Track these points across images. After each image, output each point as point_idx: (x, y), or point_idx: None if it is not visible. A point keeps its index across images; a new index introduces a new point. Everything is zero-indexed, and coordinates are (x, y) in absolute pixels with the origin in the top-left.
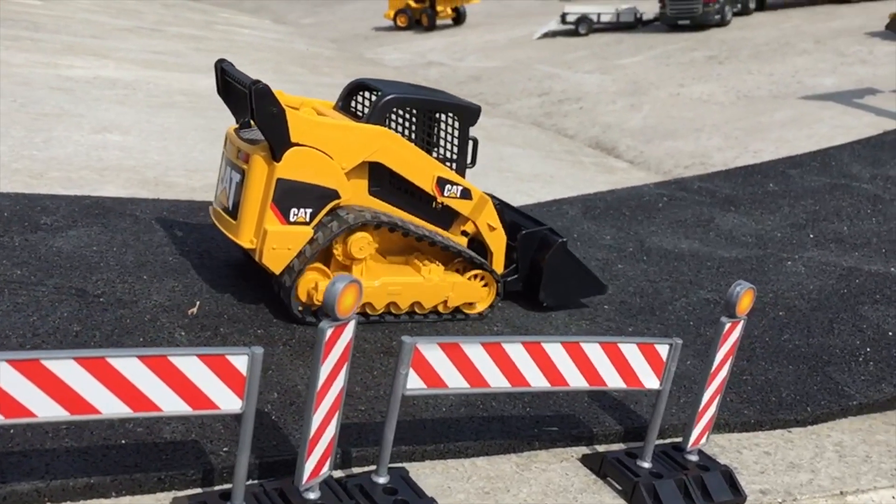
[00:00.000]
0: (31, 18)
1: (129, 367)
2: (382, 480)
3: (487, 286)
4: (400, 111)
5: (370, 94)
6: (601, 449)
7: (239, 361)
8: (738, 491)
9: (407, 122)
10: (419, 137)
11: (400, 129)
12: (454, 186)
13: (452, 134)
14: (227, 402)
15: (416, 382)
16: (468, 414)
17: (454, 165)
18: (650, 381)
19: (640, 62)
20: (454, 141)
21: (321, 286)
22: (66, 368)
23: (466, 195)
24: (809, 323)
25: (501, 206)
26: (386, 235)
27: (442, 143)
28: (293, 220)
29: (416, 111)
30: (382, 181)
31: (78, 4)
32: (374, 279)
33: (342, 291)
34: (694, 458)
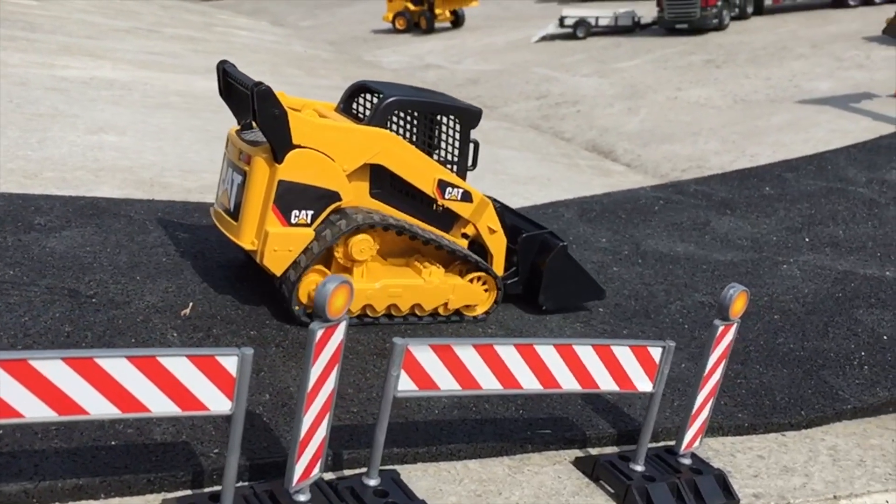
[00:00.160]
0: (27, 19)
1: (117, 367)
2: (373, 483)
3: (488, 289)
4: (401, 113)
5: (372, 96)
6: (594, 452)
7: (228, 362)
8: (731, 494)
9: (408, 124)
10: (420, 140)
11: (401, 131)
12: (455, 189)
13: (453, 136)
14: (216, 403)
15: (407, 384)
16: (461, 416)
17: (455, 168)
18: (643, 383)
19: (637, 66)
20: (455, 143)
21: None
22: (53, 369)
23: (467, 198)
24: (804, 326)
25: (502, 208)
26: (387, 237)
27: (443, 145)
28: (294, 221)
29: (417, 114)
30: (383, 183)
31: (74, 5)
32: (374, 281)
33: (333, 292)
34: (687, 461)
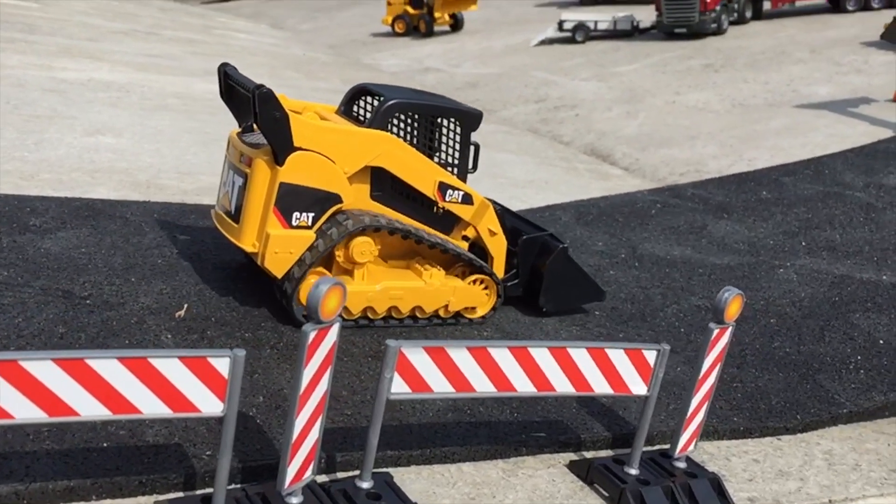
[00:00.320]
0: (26, 21)
1: (108, 368)
2: (366, 485)
3: (488, 291)
4: (402, 116)
5: (372, 98)
6: (589, 455)
7: (220, 363)
8: (725, 498)
9: (409, 126)
10: (421, 142)
11: (402, 133)
12: (455, 191)
13: (454, 139)
14: (208, 404)
15: (400, 386)
16: (455, 419)
17: (455, 170)
18: (638, 386)
19: (636, 70)
20: (455, 146)
21: None
22: (44, 369)
23: (468, 200)
24: (800, 330)
25: (502, 211)
26: (388, 240)
27: (443, 148)
28: (295, 224)
29: (418, 116)
30: (384, 186)
31: (74, 7)
32: (375, 283)
33: (326, 294)
34: (682, 464)
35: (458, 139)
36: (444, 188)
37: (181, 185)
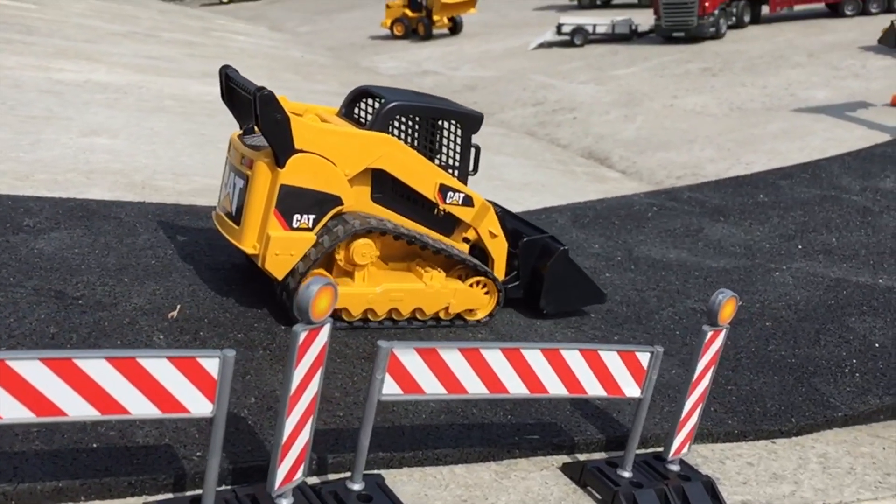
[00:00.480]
0: (24, 22)
1: (96, 368)
2: (357, 487)
3: (489, 293)
4: (403, 118)
5: (373, 101)
6: (582, 458)
7: (210, 364)
8: (719, 501)
9: (410, 129)
10: (422, 144)
11: (403, 136)
12: (456, 193)
13: (455, 141)
14: (197, 405)
15: (392, 388)
16: (448, 421)
17: (456, 172)
18: (631, 389)
19: (634, 73)
20: (456, 148)
21: None
22: (31, 369)
23: (468, 202)
24: (796, 333)
25: (503, 213)
26: (388, 242)
27: (444, 150)
28: (296, 226)
29: (418, 118)
30: (385, 188)
31: (72, 9)
32: (375, 285)
33: (317, 294)
34: (675, 467)
35: (458, 141)
36: (444, 190)
37: (176, 186)
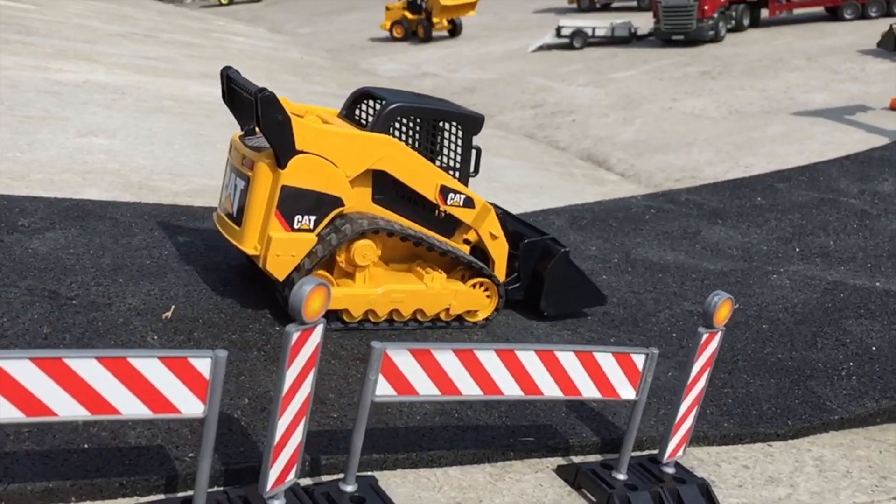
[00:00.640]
0: (23, 22)
1: (87, 368)
2: (350, 489)
3: (489, 294)
4: (404, 120)
5: (374, 102)
6: (577, 460)
7: (201, 364)
8: None
9: (411, 130)
10: (423, 146)
11: (404, 137)
12: (457, 195)
13: (455, 143)
14: (188, 406)
15: (385, 389)
16: (442, 422)
17: (457, 174)
18: (626, 391)
19: (633, 76)
20: (457, 150)
21: None
22: (21, 369)
23: (469, 204)
24: (793, 336)
25: (503, 214)
26: (390, 243)
27: (445, 151)
28: (297, 227)
29: (419, 120)
30: (386, 189)
31: (72, 9)
32: (376, 287)
33: (309, 294)
34: (670, 470)
35: (459, 143)
36: (445, 191)
37: (173, 186)
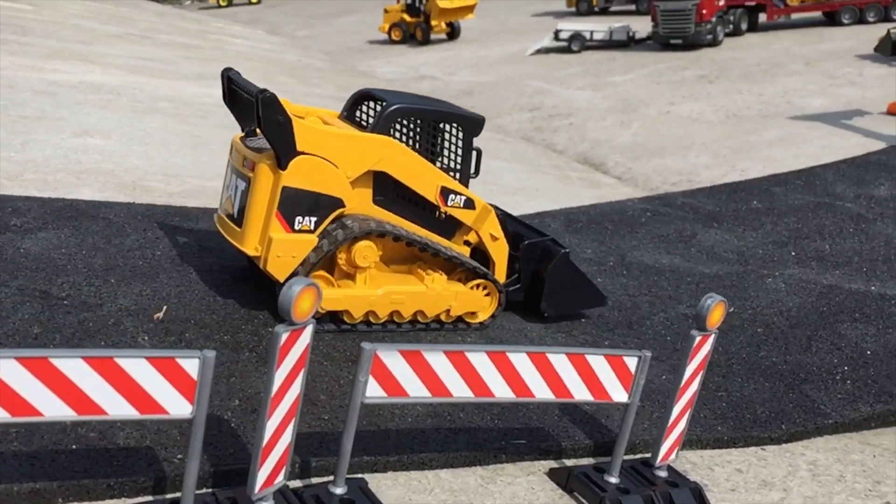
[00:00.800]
0: (20, 23)
1: (73, 368)
2: (339, 491)
3: (490, 296)
4: (405, 121)
5: (375, 104)
6: (569, 463)
7: (189, 365)
8: None
9: (411, 132)
10: (423, 147)
11: (404, 138)
12: (457, 196)
13: (456, 144)
14: (176, 406)
15: (375, 391)
16: (434, 425)
17: (458, 175)
18: (618, 393)
19: (631, 80)
20: (458, 151)
21: (325, 295)
22: (7, 368)
23: (469, 205)
24: (787, 340)
25: (504, 216)
26: (390, 244)
27: (446, 153)
28: (298, 228)
29: (420, 121)
30: (387, 190)
31: (69, 10)
32: (377, 288)
33: (299, 294)
34: (663, 473)
35: (460, 144)
36: (446, 193)
37: (167, 187)
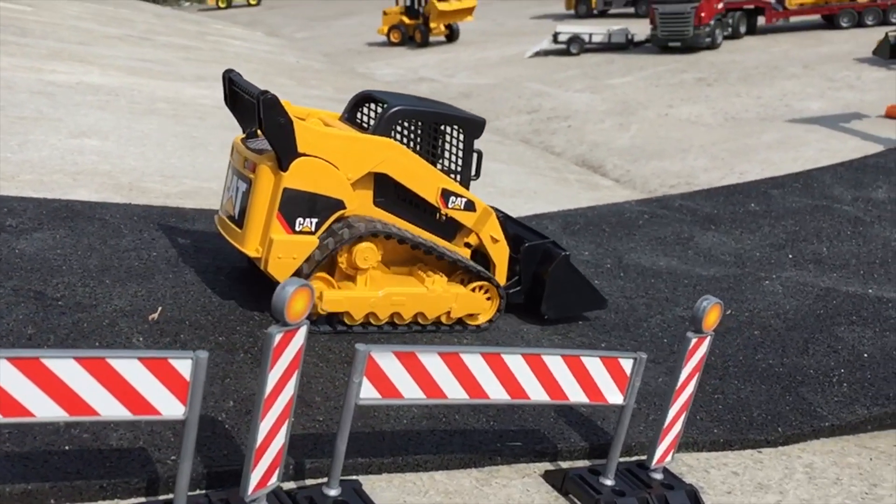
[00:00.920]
0: (19, 24)
1: (64, 368)
2: (333, 493)
3: (490, 298)
4: (405, 123)
5: (376, 105)
6: (565, 465)
7: (182, 366)
8: None
9: (412, 133)
10: (424, 149)
11: (405, 140)
12: (458, 198)
13: (457, 146)
14: (169, 407)
15: (369, 392)
16: (429, 427)
17: (458, 177)
18: (613, 396)
19: (630, 82)
20: (458, 153)
21: (326, 296)
22: None
23: (470, 207)
24: (784, 342)
25: (504, 218)
26: (391, 246)
27: (446, 155)
28: (299, 229)
29: (421, 123)
30: (387, 192)
31: (68, 11)
32: (378, 289)
33: (292, 295)
34: (659, 476)
35: (460, 146)
36: (446, 195)
37: (164, 188)
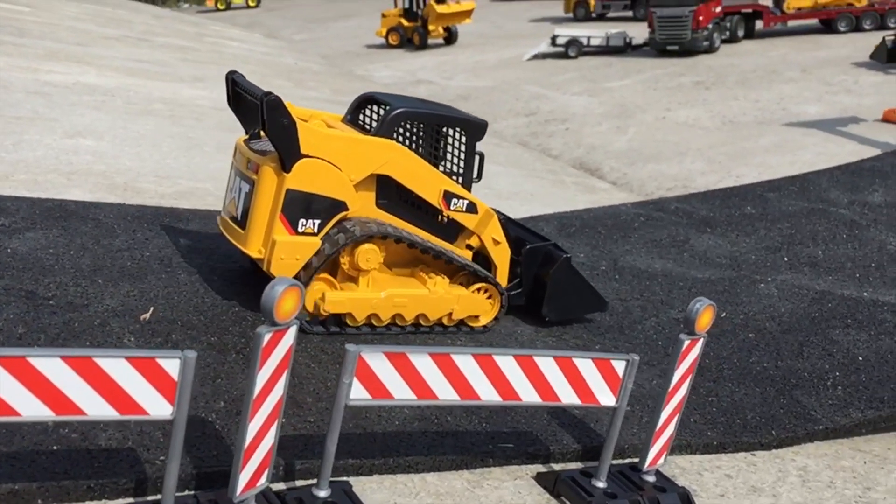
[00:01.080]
0: (17, 24)
1: (51, 368)
2: (323, 494)
3: (492, 299)
4: (408, 125)
5: (379, 107)
6: (557, 467)
7: (170, 365)
8: None
9: (414, 135)
10: (426, 151)
11: (407, 142)
12: (460, 200)
13: (459, 148)
14: (156, 407)
15: (360, 392)
16: (421, 428)
17: (460, 179)
18: (606, 397)
19: (627, 86)
20: (460, 155)
21: (328, 297)
22: None
23: (472, 209)
24: (779, 345)
25: (506, 220)
26: (393, 247)
27: (448, 157)
28: (301, 230)
29: (423, 125)
30: (390, 194)
31: (66, 12)
32: (380, 290)
33: (281, 295)
34: (651, 478)
35: (462, 148)
36: (448, 197)
37: (159, 188)
